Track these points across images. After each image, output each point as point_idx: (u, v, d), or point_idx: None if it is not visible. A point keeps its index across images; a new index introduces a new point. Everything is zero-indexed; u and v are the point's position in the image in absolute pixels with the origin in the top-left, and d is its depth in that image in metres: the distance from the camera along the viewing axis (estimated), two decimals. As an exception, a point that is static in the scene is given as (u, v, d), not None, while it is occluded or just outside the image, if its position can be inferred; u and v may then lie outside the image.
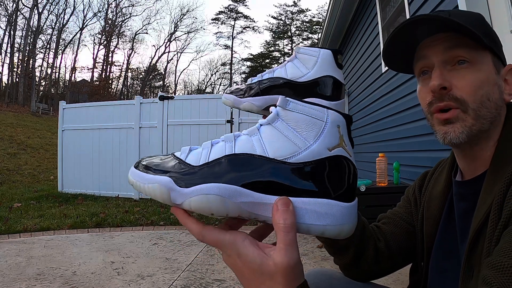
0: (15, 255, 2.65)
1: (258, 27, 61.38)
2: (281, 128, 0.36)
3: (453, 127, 0.53)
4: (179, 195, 0.35)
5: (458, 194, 0.60)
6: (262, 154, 0.35)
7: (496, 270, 0.39)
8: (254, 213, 0.35)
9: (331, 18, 5.53)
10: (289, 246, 0.32)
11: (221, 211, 0.34)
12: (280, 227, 0.33)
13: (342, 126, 0.37)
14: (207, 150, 0.37)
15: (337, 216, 0.35)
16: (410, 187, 0.78)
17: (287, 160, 0.35)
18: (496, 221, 0.45)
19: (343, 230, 0.36)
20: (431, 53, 0.56)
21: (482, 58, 0.54)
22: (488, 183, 0.50)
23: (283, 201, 0.34)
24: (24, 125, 16.63)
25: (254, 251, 0.34)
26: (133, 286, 2.04)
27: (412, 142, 3.03)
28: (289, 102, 0.37)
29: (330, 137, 0.36)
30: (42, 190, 6.04)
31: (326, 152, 0.36)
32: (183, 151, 0.39)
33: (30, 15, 30.53)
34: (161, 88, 40.49)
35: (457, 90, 0.53)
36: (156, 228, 3.69)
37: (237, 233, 0.35)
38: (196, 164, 0.36)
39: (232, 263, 0.35)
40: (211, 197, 0.34)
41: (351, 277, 0.71)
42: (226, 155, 0.36)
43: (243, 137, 0.38)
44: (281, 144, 0.36)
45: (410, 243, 0.70)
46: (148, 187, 0.35)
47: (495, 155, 0.53)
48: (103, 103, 5.92)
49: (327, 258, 2.44)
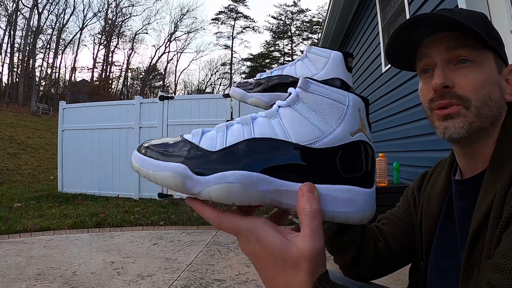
0: (15, 255, 2.65)
1: (258, 27, 61.41)
2: (302, 111, 0.35)
3: (453, 122, 0.53)
4: (196, 184, 0.32)
5: (457, 193, 0.60)
6: (285, 139, 0.34)
7: (500, 272, 0.39)
8: (278, 200, 0.33)
9: (331, 18, 5.53)
10: (315, 232, 0.31)
11: (244, 200, 0.32)
12: (306, 212, 0.32)
13: (362, 110, 0.36)
14: (223, 133, 0.35)
15: (360, 203, 0.34)
16: (409, 188, 0.78)
17: (312, 145, 0.33)
18: (497, 220, 0.45)
19: (365, 216, 0.35)
20: (433, 52, 0.56)
21: (485, 58, 0.54)
22: (488, 181, 0.50)
23: (309, 187, 0.33)
24: (24, 125, 16.62)
25: (276, 236, 0.32)
26: (133, 286, 2.04)
27: (412, 142, 3.03)
28: (310, 84, 0.35)
29: (352, 122, 0.35)
30: (42, 190, 6.04)
31: (349, 137, 0.34)
32: (195, 134, 0.35)
33: (30, 15, 30.55)
34: (161, 88, 40.50)
35: (459, 88, 0.53)
36: (156, 228, 3.69)
37: (256, 218, 0.33)
38: (212, 150, 0.33)
39: (251, 249, 0.33)
40: (234, 185, 0.32)
41: (351, 276, 0.71)
42: (245, 139, 0.33)
43: (261, 119, 0.35)
44: (304, 128, 0.34)
45: (410, 243, 0.70)
46: (160, 174, 0.32)
47: (494, 154, 0.53)
48: (103, 103, 5.93)
49: (327, 258, 2.43)
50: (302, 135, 0.34)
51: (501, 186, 0.47)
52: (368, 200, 0.35)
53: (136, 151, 0.36)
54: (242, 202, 0.33)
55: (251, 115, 0.36)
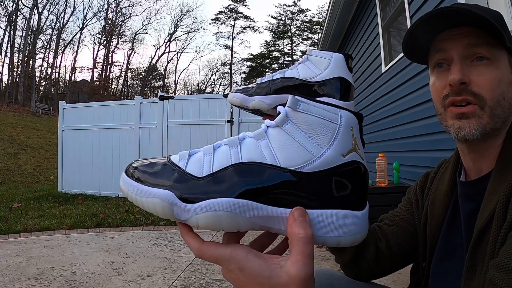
0: (15, 255, 2.65)
1: (258, 27, 61.42)
2: (291, 132, 0.33)
3: (469, 123, 0.52)
4: (184, 212, 0.32)
5: (463, 194, 0.59)
6: (273, 163, 0.32)
7: (504, 271, 0.40)
8: (267, 226, 0.33)
9: (331, 18, 5.53)
10: (308, 258, 0.30)
11: (232, 227, 0.32)
12: (299, 238, 0.30)
13: (355, 128, 0.35)
14: (210, 157, 0.34)
15: (351, 227, 0.33)
16: (411, 188, 0.77)
17: (301, 169, 0.32)
18: (501, 221, 0.45)
19: (357, 239, 0.34)
20: (451, 47, 0.55)
21: (500, 57, 0.53)
22: (493, 182, 0.50)
23: (300, 212, 0.32)
24: (24, 125, 16.62)
25: (261, 264, 0.31)
26: (133, 286, 2.04)
27: (412, 142, 3.03)
28: (300, 103, 0.33)
29: (344, 142, 0.33)
30: (42, 190, 6.04)
31: (340, 158, 0.33)
32: (182, 157, 0.35)
33: (30, 15, 30.55)
34: (161, 88, 40.50)
35: (475, 86, 0.52)
36: (156, 228, 3.69)
37: (238, 247, 0.32)
38: (199, 175, 0.33)
39: (234, 278, 0.32)
40: (221, 213, 0.31)
41: (351, 276, 0.71)
42: (232, 164, 0.32)
43: (249, 141, 0.34)
44: (293, 151, 0.33)
45: (411, 244, 0.70)
46: (147, 201, 0.32)
47: (500, 155, 0.52)
48: (103, 103, 5.93)
49: (327, 258, 2.44)
50: (291, 159, 0.33)
51: (505, 188, 0.47)
52: (360, 223, 0.34)
53: (124, 174, 0.35)
54: (231, 229, 0.32)
55: (238, 136, 0.35)
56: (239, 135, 0.36)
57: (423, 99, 2.67)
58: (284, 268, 0.30)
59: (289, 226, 0.31)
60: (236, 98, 0.56)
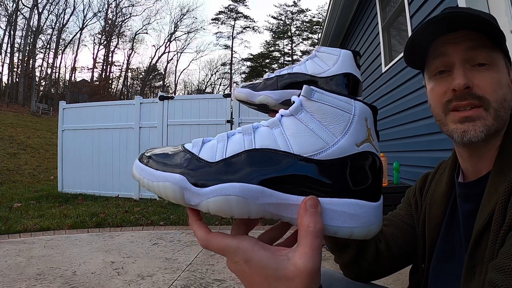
0: (15, 255, 2.65)
1: (258, 27, 61.33)
2: (305, 121, 0.33)
3: (474, 126, 0.52)
4: (195, 196, 0.31)
5: (461, 195, 0.59)
6: (286, 150, 0.32)
7: (503, 272, 0.40)
8: (278, 214, 0.32)
9: (331, 18, 5.53)
10: (316, 251, 0.30)
11: (243, 213, 0.31)
12: (309, 231, 0.30)
13: (369, 119, 0.34)
14: (223, 144, 0.34)
15: (365, 217, 0.33)
16: (410, 189, 0.77)
17: (314, 157, 0.32)
18: (500, 222, 0.45)
19: (370, 231, 0.33)
20: (451, 51, 0.54)
21: (499, 59, 0.54)
22: (492, 184, 0.50)
23: (312, 202, 0.31)
24: (24, 125, 16.62)
25: (268, 256, 0.31)
26: (133, 286, 2.04)
27: (412, 142, 3.03)
28: (314, 92, 0.33)
29: (358, 131, 0.33)
30: (42, 190, 6.04)
31: (354, 148, 0.33)
32: (195, 144, 0.35)
33: (30, 15, 30.55)
34: (161, 88, 40.49)
35: (479, 89, 0.52)
36: (156, 228, 3.69)
37: (245, 238, 0.32)
38: (212, 160, 0.33)
39: (239, 270, 0.32)
40: (232, 198, 0.31)
41: (351, 276, 0.71)
42: (246, 150, 0.32)
43: (263, 129, 0.34)
44: (307, 138, 0.33)
45: (411, 245, 0.70)
46: (158, 185, 0.32)
47: (498, 156, 0.52)
48: (103, 103, 5.93)
49: (327, 258, 2.44)
50: (305, 146, 0.32)
51: (504, 189, 0.47)
52: (374, 215, 0.33)
53: (138, 160, 0.35)
54: (242, 215, 0.32)
55: (252, 125, 0.35)
56: (253, 124, 0.35)
57: (423, 99, 2.67)
58: (291, 260, 0.30)
59: (300, 217, 0.31)
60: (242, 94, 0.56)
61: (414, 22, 2.85)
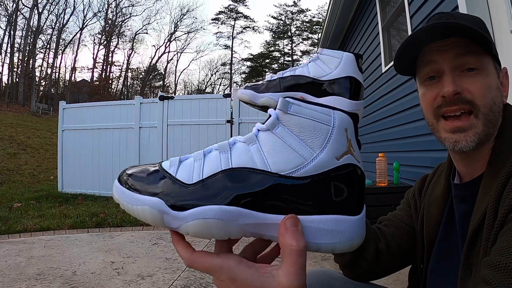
0: (15, 255, 2.65)
1: (258, 27, 61.28)
2: (283, 136, 0.32)
3: (465, 136, 0.53)
4: (174, 219, 0.31)
5: (457, 196, 0.60)
6: (264, 168, 0.31)
7: (495, 269, 0.40)
8: (259, 233, 0.32)
9: (331, 18, 5.53)
10: (300, 269, 0.30)
11: (223, 235, 0.31)
12: (292, 250, 0.30)
13: (350, 129, 0.33)
14: (200, 163, 0.33)
15: (347, 232, 0.32)
16: (410, 190, 0.78)
17: (293, 174, 0.31)
18: (492, 220, 0.46)
19: (353, 244, 0.33)
20: (440, 59, 0.56)
21: (488, 64, 0.55)
22: (485, 184, 0.51)
23: (292, 221, 0.31)
24: (24, 125, 16.63)
25: (253, 274, 0.31)
26: (133, 286, 2.04)
27: (412, 142, 3.03)
28: (291, 105, 0.32)
29: (338, 144, 0.32)
30: (42, 190, 6.04)
31: (334, 161, 0.32)
32: (172, 164, 0.34)
33: (30, 15, 30.54)
34: (161, 88, 40.50)
35: (468, 93, 0.53)
36: (156, 228, 3.69)
37: (229, 257, 0.32)
38: (189, 182, 0.32)
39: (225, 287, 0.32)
40: (210, 221, 0.30)
41: (350, 276, 0.71)
42: (222, 170, 0.32)
43: (240, 145, 0.33)
44: (284, 155, 0.31)
45: (410, 245, 0.70)
46: (137, 208, 0.32)
47: (491, 157, 0.53)
48: (103, 103, 5.93)
49: (327, 258, 2.44)
50: (282, 163, 0.31)
51: (495, 188, 0.48)
52: (356, 228, 0.33)
53: (117, 181, 0.34)
54: (221, 237, 0.31)
55: (228, 141, 0.34)
56: (229, 140, 0.34)
57: (423, 99, 2.67)
58: (276, 278, 0.30)
59: (281, 236, 0.31)
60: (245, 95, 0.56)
61: (414, 22, 2.85)
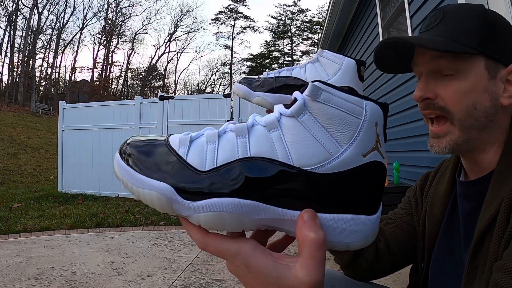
0: (15, 255, 2.65)
1: (258, 27, 61.23)
2: (309, 125, 0.29)
3: (438, 142, 0.56)
4: (185, 208, 0.29)
5: (462, 194, 0.59)
6: (285, 161, 0.29)
7: (509, 274, 0.40)
8: (275, 226, 0.31)
9: (331, 18, 5.53)
10: (319, 263, 0.28)
11: (237, 228, 0.29)
12: (312, 240, 0.28)
13: (380, 123, 0.30)
14: (214, 146, 0.30)
15: (362, 231, 0.31)
16: (411, 189, 0.77)
17: (316, 170, 0.29)
18: (504, 224, 0.45)
19: (367, 242, 0.32)
20: (419, 61, 0.57)
21: (468, 67, 0.51)
22: (494, 186, 0.50)
23: (310, 214, 0.29)
24: (24, 125, 16.62)
25: (269, 263, 0.29)
26: (133, 286, 2.04)
27: (412, 142, 3.03)
28: (321, 92, 0.29)
29: (366, 140, 0.29)
30: (42, 190, 6.04)
31: (360, 159, 0.29)
32: (182, 143, 0.31)
33: (30, 15, 30.55)
34: (161, 88, 40.50)
35: (441, 100, 0.54)
36: (156, 228, 3.69)
37: (245, 241, 0.30)
38: (202, 169, 0.29)
39: (239, 273, 0.30)
40: (225, 214, 0.28)
41: (351, 276, 0.71)
42: (239, 159, 0.29)
43: (259, 129, 0.30)
44: (309, 148, 0.29)
45: (411, 244, 0.70)
46: (143, 192, 0.29)
47: (501, 158, 0.52)
48: (103, 103, 5.93)
49: (327, 258, 2.41)
50: (306, 157, 0.29)
51: (508, 192, 0.47)
52: (371, 227, 0.31)
53: (118, 155, 0.32)
54: (235, 230, 0.30)
55: (247, 123, 0.31)
56: (248, 121, 0.31)
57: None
58: (292, 270, 0.28)
59: (299, 229, 0.29)
60: (240, 90, 0.56)
61: (414, 22, 2.85)
